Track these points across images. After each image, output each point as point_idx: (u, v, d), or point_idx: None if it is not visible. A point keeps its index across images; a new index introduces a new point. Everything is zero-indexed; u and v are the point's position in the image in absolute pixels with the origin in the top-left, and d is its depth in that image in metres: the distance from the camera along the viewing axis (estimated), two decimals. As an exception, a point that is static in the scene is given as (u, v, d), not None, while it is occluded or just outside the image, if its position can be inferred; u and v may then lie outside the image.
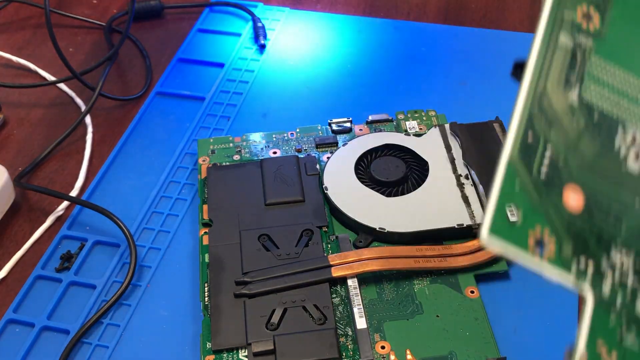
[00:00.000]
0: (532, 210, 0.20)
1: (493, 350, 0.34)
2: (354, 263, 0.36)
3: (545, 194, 0.20)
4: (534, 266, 0.20)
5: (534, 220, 0.20)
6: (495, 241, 0.19)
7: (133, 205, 0.43)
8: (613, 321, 0.20)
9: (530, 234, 0.20)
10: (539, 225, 0.20)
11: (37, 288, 0.39)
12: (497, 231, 0.20)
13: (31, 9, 0.58)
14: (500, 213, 0.20)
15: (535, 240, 0.20)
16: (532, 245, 0.20)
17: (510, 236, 0.20)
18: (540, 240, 0.20)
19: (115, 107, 0.50)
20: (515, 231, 0.20)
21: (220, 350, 0.34)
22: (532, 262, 0.20)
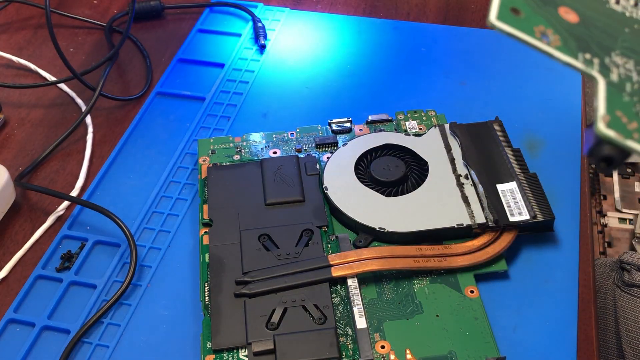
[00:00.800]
0: (533, 14, 0.23)
1: (492, 350, 0.34)
2: (353, 263, 0.36)
3: (543, 7, 0.24)
4: (542, 48, 0.22)
5: (537, 21, 0.23)
6: (502, 25, 0.22)
7: (133, 205, 0.43)
8: (627, 100, 0.22)
9: (535, 29, 0.23)
10: (542, 24, 0.23)
11: (37, 288, 0.39)
12: (503, 18, 0.23)
13: (32, 9, 0.58)
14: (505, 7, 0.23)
15: (540, 32, 0.23)
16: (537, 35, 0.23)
17: (516, 24, 0.23)
18: (544, 33, 0.23)
19: (116, 107, 0.50)
20: (520, 22, 0.23)
21: (220, 350, 0.34)
22: (540, 45, 0.23)
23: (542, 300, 0.37)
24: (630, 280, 0.52)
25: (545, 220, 0.38)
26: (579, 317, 0.36)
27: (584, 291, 0.37)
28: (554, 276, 0.38)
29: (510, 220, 0.38)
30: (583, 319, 0.36)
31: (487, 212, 0.38)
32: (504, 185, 0.39)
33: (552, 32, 0.23)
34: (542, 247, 0.39)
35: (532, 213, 0.38)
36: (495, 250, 0.37)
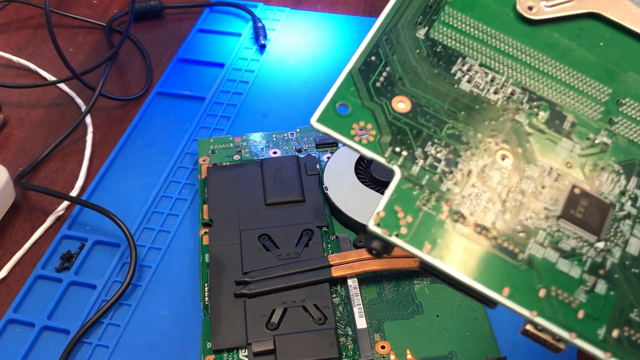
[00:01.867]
0: (360, 109, 0.26)
1: (493, 350, 0.34)
2: (354, 263, 0.36)
3: (376, 98, 0.26)
4: (352, 146, 0.25)
5: (360, 116, 0.26)
6: (321, 126, 0.25)
7: (133, 205, 0.43)
8: (415, 194, 0.25)
9: (354, 125, 0.26)
10: (363, 120, 0.26)
11: (37, 288, 0.39)
12: (324, 120, 0.26)
13: (31, 9, 0.58)
14: (332, 107, 0.26)
15: (359, 129, 0.26)
16: (353, 133, 0.26)
17: (334, 124, 0.26)
18: (362, 129, 0.26)
19: (116, 107, 0.50)
20: (340, 122, 0.26)
21: (220, 350, 0.34)
22: (349, 143, 0.25)
23: (542, 301, 0.37)
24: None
25: (545, 221, 0.38)
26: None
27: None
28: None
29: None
30: (583, 319, 0.36)
31: (488, 212, 0.38)
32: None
33: (371, 127, 0.26)
34: (542, 247, 0.39)
35: (532, 213, 0.38)
36: (496, 250, 0.37)
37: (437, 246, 0.24)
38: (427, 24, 0.28)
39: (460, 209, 0.25)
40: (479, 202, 0.25)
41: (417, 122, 0.26)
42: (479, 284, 0.24)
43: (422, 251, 0.24)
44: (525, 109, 0.27)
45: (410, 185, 0.25)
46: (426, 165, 0.25)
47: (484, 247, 0.24)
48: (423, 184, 0.25)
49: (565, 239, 0.25)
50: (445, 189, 0.25)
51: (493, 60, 0.28)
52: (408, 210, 0.25)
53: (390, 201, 0.25)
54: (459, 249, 0.24)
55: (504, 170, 0.26)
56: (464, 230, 0.24)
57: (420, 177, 0.25)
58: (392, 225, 0.24)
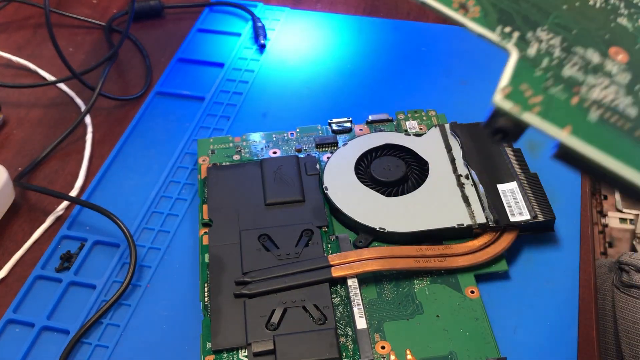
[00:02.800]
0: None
1: (493, 350, 0.34)
2: (354, 263, 0.36)
3: None
4: (457, 19, 0.23)
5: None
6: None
7: (133, 205, 0.43)
8: (539, 75, 0.22)
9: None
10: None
11: (37, 288, 0.39)
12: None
13: (31, 8, 0.58)
14: None
15: (460, 4, 0.23)
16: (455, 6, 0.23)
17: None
18: (464, 5, 0.23)
19: (115, 107, 0.50)
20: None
21: (220, 351, 0.34)
22: (454, 15, 0.23)
23: (542, 301, 0.37)
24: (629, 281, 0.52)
25: (545, 221, 0.38)
26: (579, 318, 0.36)
27: (584, 291, 0.37)
28: (555, 276, 0.38)
29: (511, 220, 0.37)
30: (583, 319, 0.36)
31: (488, 212, 0.38)
32: (505, 185, 0.39)
33: (473, 3, 0.24)
34: (542, 247, 0.39)
35: (532, 213, 0.38)
36: (496, 250, 0.37)
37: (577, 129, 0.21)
38: None
39: (590, 96, 0.22)
40: (607, 92, 0.23)
41: (521, 7, 0.24)
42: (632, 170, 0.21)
43: (563, 132, 0.21)
44: (625, 14, 0.25)
45: (531, 66, 0.22)
46: (542, 49, 0.23)
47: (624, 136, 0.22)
48: (544, 66, 0.22)
49: None
50: (568, 75, 0.22)
51: None
52: (537, 89, 0.22)
53: (515, 77, 0.22)
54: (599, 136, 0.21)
55: (622, 66, 0.23)
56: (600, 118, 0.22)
57: (539, 60, 0.23)
58: (523, 101, 0.21)
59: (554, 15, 0.24)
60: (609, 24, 0.25)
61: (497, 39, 0.23)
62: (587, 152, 0.21)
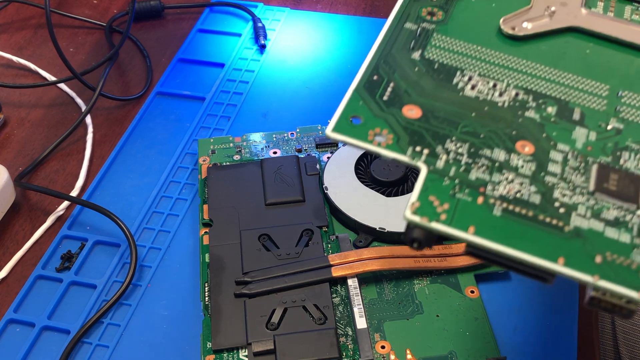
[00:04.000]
0: (372, 118, 0.27)
1: (493, 350, 0.34)
2: (354, 263, 0.36)
3: (386, 109, 0.27)
4: (372, 150, 0.26)
5: (374, 124, 0.26)
6: (337, 135, 0.26)
7: (133, 205, 0.43)
8: (446, 184, 0.25)
9: (369, 132, 0.26)
10: (378, 127, 0.26)
11: (37, 288, 0.39)
12: (340, 129, 0.26)
13: (32, 9, 0.58)
14: (345, 119, 0.27)
15: (374, 134, 0.26)
16: (370, 138, 0.26)
17: (351, 133, 0.26)
18: (379, 135, 0.26)
19: (116, 107, 0.50)
20: (355, 129, 0.26)
21: (220, 350, 0.34)
22: (370, 147, 0.26)
23: (542, 301, 0.37)
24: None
25: (545, 221, 0.38)
26: (579, 318, 0.36)
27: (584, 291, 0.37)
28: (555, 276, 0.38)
29: None
30: (583, 319, 0.36)
31: (488, 212, 0.38)
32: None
33: (387, 132, 0.26)
34: (542, 247, 0.39)
35: (532, 213, 0.38)
36: (496, 250, 0.37)
37: (482, 227, 0.24)
38: (420, 47, 0.30)
39: (495, 193, 0.25)
40: (512, 186, 0.25)
41: (431, 125, 0.27)
42: (533, 256, 0.23)
43: (467, 233, 0.23)
44: (533, 106, 0.28)
45: (439, 178, 0.25)
46: (450, 159, 0.25)
47: (527, 224, 0.24)
48: (451, 175, 0.25)
49: (605, 210, 0.25)
50: (474, 178, 0.25)
51: (490, 71, 0.29)
52: (443, 198, 0.24)
53: (423, 192, 0.24)
54: (503, 228, 0.24)
55: (528, 158, 0.26)
56: (504, 212, 0.24)
57: (447, 170, 0.25)
58: (431, 212, 0.24)
59: (462, 125, 0.27)
60: (516, 120, 0.27)
61: (408, 159, 0.25)
62: (490, 246, 0.23)
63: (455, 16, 0.31)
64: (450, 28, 0.31)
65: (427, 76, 0.28)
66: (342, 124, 0.26)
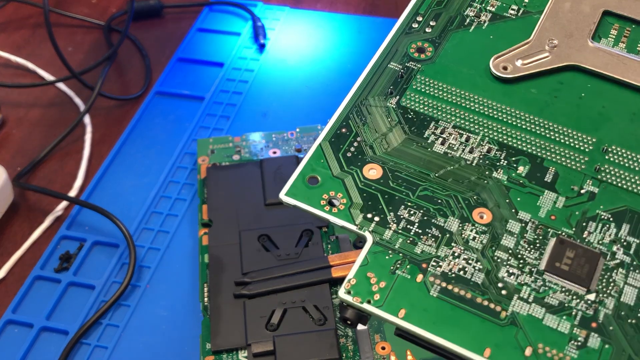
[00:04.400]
0: (330, 179, 0.27)
1: (494, 351, 0.33)
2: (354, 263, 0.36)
3: (347, 167, 0.27)
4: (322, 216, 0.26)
5: (330, 186, 0.26)
6: (290, 199, 0.26)
7: (132, 206, 0.42)
8: (388, 258, 0.25)
9: (324, 196, 0.26)
10: (333, 190, 0.26)
11: (36, 288, 0.39)
12: (293, 194, 0.26)
13: (30, 8, 0.58)
14: (301, 181, 0.26)
15: (328, 200, 0.26)
16: (323, 204, 0.26)
17: (304, 197, 0.26)
18: (331, 200, 0.26)
19: (115, 106, 0.50)
20: (309, 193, 0.26)
21: (219, 351, 0.34)
22: (319, 214, 0.26)
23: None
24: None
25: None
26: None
27: None
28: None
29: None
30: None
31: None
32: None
33: (341, 196, 0.26)
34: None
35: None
36: (496, 250, 0.37)
37: (414, 310, 0.24)
38: (399, 93, 0.29)
39: (437, 270, 0.24)
40: (457, 262, 0.24)
41: (389, 187, 0.26)
42: (457, 346, 0.23)
43: (396, 317, 0.24)
44: (503, 165, 0.27)
45: (383, 250, 0.25)
46: (399, 228, 0.25)
47: (462, 307, 0.24)
48: (396, 247, 0.25)
49: (551, 293, 0.24)
50: (419, 252, 0.25)
51: (467, 121, 0.28)
52: (381, 275, 0.24)
53: (362, 267, 0.24)
54: (436, 312, 0.23)
55: (482, 228, 0.25)
56: (441, 292, 0.24)
57: (394, 241, 0.25)
58: (364, 292, 0.24)
59: (421, 188, 0.26)
60: (481, 182, 0.26)
61: (355, 228, 0.25)
62: (417, 332, 0.23)
63: (445, 52, 0.30)
64: (436, 67, 0.30)
65: (397, 128, 0.28)
66: (297, 186, 0.26)
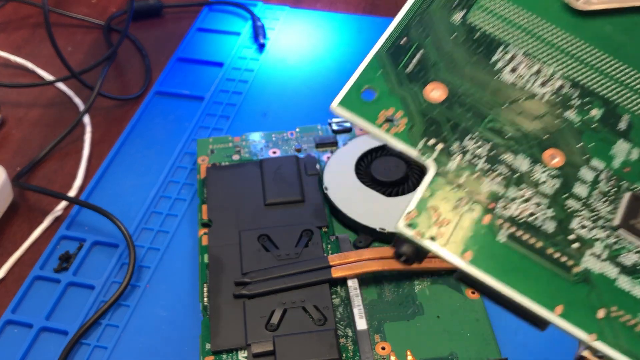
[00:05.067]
0: (388, 95, 0.23)
1: (494, 351, 0.33)
2: (354, 263, 0.36)
3: (407, 84, 0.24)
4: (379, 135, 0.23)
5: (388, 103, 0.23)
6: (344, 111, 0.23)
7: (132, 206, 0.42)
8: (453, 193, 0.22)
9: (381, 112, 0.23)
10: (392, 107, 0.23)
11: (35, 288, 0.38)
12: (347, 104, 0.23)
13: (29, 8, 0.58)
14: (356, 91, 0.24)
15: (386, 117, 0.23)
16: (380, 120, 0.23)
17: (359, 110, 0.23)
18: (390, 119, 0.23)
19: (114, 106, 0.50)
20: (364, 107, 0.23)
21: (219, 352, 0.34)
22: (376, 132, 0.23)
23: (543, 301, 0.37)
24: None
25: (546, 221, 0.38)
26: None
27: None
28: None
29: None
30: (585, 320, 0.36)
31: (488, 213, 0.38)
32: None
33: (400, 115, 0.23)
34: (543, 247, 0.39)
35: (533, 213, 0.38)
36: (497, 250, 0.37)
37: (480, 254, 0.21)
38: (465, 7, 0.25)
39: (505, 212, 0.22)
40: (527, 206, 0.22)
41: (454, 113, 0.23)
42: (528, 299, 0.21)
43: (462, 259, 0.21)
44: (576, 105, 0.24)
45: (446, 183, 0.22)
46: (464, 161, 0.22)
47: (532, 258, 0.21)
48: (461, 182, 0.22)
49: (625, 253, 0.22)
50: (486, 190, 0.22)
51: (539, 50, 0.25)
52: (445, 211, 0.22)
53: (424, 199, 0.22)
54: (504, 259, 0.21)
55: (554, 172, 0.23)
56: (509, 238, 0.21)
57: (458, 175, 0.22)
58: (426, 227, 0.21)
59: (488, 119, 0.23)
60: (553, 121, 0.24)
61: (416, 155, 0.23)
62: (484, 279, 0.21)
63: None
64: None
65: (463, 48, 0.24)
66: (351, 97, 0.23)
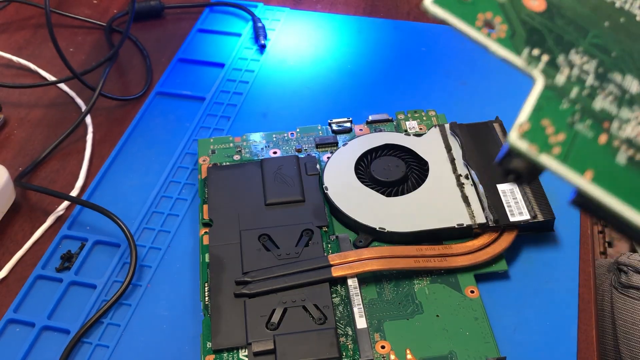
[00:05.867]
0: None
1: (493, 350, 0.34)
2: (354, 263, 0.36)
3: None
4: (479, 39, 0.21)
5: (486, 6, 0.21)
6: (437, 9, 0.21)
7: (133, 205, 0.43)
8: (565, 108, 0.20)
9: (479, 15, 0.21)
10: (490, 11, 0.21)
11: (37, 288, 0.39)
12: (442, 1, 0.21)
13: (31, 9, 0.58)
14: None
15: (485, 21, 0.21)
16: (479, 22, 0.21)
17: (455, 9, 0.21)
18: (490, 22, 0.21)
19: (116, 107, 0.50)
20: (462, 7, 0.21)
21: (220, 350, 0.34)
22: (476, 35, 0.21)
23: (542, 301, 0.37)
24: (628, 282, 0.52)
25: (545, 220, 0.38)
26: (579, 318, 0.36)
27: (584, 291, 0.37)
28: (554, 276, 0.38)
29: (511, 220, 0.37)
30: (583, 319, 0.36)
31: (488, 212, 0.38)
32: (505, 185, 0.39)
33: (500, 21, 0.21)
34: (542, 247, 0.39)
35: (532, 213, 0.38)
36: (496, 250, 0.37)
37: (601, 174, 0.19)
38: None
39: (620, 133, 0.20)
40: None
41: (556, 25, 0.21)
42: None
43: (583, 178, 0.19)
44: None
45: (557, 96, 0.20)
46: (573, 75, 0.20)
47: None
48: (572, 97, 0.20)
49: None
50: (599, 108, 0.20)
51: None
52: (559, 125, 0.19)
53: (536, 112, 0.20)
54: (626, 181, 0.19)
55: None
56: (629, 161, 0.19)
57: (568, 89, 0.20)
58: (542, 141, 0.19)
59: (592, 35, 0.22)
60: None
61: (522, 63, 0.21)
62: (609, 202, 0.19)
63: None
64: None
65: None
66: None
